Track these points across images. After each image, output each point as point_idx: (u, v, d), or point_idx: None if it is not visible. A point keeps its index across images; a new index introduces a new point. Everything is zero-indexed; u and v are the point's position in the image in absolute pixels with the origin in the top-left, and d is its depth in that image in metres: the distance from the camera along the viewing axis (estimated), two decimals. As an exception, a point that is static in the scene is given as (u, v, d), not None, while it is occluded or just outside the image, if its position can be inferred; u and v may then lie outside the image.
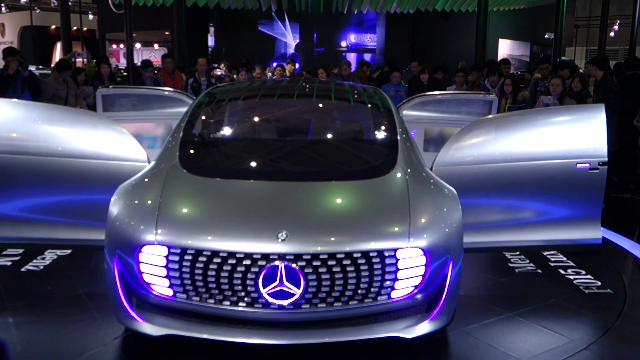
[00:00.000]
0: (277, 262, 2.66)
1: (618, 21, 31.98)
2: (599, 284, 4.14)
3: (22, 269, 4.29)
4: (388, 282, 2.75)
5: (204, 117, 4.16)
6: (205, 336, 2.77)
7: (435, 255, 2.82)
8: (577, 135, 3.75)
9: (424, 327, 2.87)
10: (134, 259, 2.79)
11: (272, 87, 4.97)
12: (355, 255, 2.71)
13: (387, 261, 2.73)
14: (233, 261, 2.68)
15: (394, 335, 2.82)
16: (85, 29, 28.55)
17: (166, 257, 2.74)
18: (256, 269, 2.67)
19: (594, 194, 3.71)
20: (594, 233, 3.78)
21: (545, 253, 4.71)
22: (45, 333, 3.29)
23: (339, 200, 3.15)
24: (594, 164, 3.64)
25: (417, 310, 2.90)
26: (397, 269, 2.75)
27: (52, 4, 30.18)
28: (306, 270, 2.67)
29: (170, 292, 2.77)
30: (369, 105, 4.52)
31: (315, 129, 4.46)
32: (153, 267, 2.77)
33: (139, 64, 9.53)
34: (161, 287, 2.78)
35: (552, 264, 4.54)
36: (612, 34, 29.44)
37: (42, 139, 3.65)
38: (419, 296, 2.83)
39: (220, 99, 4.51)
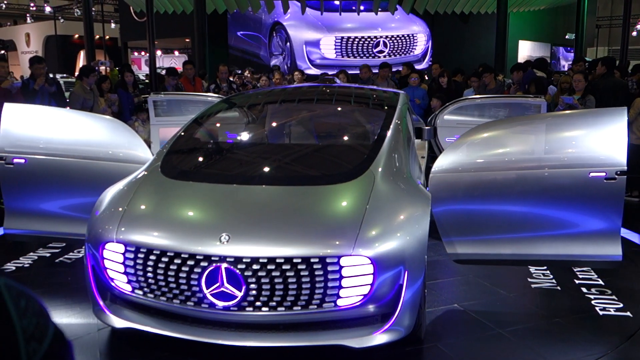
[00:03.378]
0: (218, 264, 2.69)
1: (641, 20, 31.50)
2: (620, 305, 3.77)
3: (56, 260, 4.62)
4: (332, 290, 2.68)
5: (202, 124, 4.31)
6: (159, 332, 2.87)
7: (384, 265, 2.71)
8: (592, 142, 3.43)
9: (377, 338, 2.77)
10: (99, 254, 2.96)
11: (282, 94, 5.07)
12: (295, 260, 2.67)
13: (330, 268, 2.66)
14: (179, 261, 2.76)
15: (341, 343, 2.75)
16: (107, 37, 29.05)
17: (123, 254, 2.88)
18: (199, 270, 2.71)
19: (611, 206, 3.35)
20: (612, 249, 3.44)
21: (576, 269, 4.32)
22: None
23: (292, 205, 3.07)
24: (611, 173, 3.28)
25: (370, 321, 2.81)
26: (342, 277, 2.67)
27: (75, 13, 30.78)
28: (246, 274, 2.67)
29: (129, 288, 2.92)
30: (372, 109, 4.50)
31: (305, 134, 4.56)
32: (114, 263, 2.93)
33: (163, 71, 9.71)
34: (121, 282, 2.94)
35: (577, 281, 4.18)
36: (634, 33, 29.02)
37: (66, 142, 3.96)
38: (370, 306, 2.75)
39: (227, 106, 4.67)
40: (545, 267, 4.36)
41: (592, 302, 3.85)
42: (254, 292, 2.69)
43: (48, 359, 0.57)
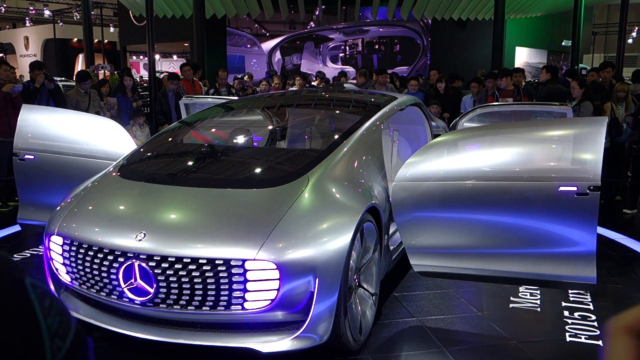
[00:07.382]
0: (132, 261, 2.81)
1: (636, 28, 31.74)
2: (596, 333, 3.43)
3: None
4: (238, 293, 2.70)
5: (181, 127, 4.42)
6: (92, 321, 3.02)
7: (290, 272, 2.69)
8: (564, 153, 3.21)
9: (287, 344, 2.77)
10: (46, 246, 3.18)
11: (279, 99, 5.14)
12: (201, 261, 2.71)
13: (235, 271, 2.68)
14: (101, 255, 2.90)
15: (249, 346, 2.77)
16: (106, 41, 29.09)
17: (62, 246, 3.07)
18: (117, 265, 2.84)
19: (583, 224, 3.04)
20: (586, 271, 3.10)
21: (571, 291, 3.99)
22: (65, 317, 3.64)
23: (213, 208, 3.09)
24: (582, 188, 2.97)
25: (281, 326, 2.82)
26: (247, 281, 2.69)
27: (74, 17, 30.85)
28: (156, 271, 2.76)
29: (68, 279, 3.10)
30: (353, 114, 4.39)
31: (264, 138, 4.64)
32: (56, 254, 3.14)
33: (161, 75, 9.74)
34: (63, 273, 3.13)
35: (564, 304, 3.84)
36: (630, 40, 29.21)
37: (67, 141, 4.38)
38: (279, 312, 2.75)
39: (217, 111, 4.75)
40: (536, 287, 4.04)
41: (567, 327, 3.52)
42: (164, 289, 2.77)
43: (70, 355, 0.63)
